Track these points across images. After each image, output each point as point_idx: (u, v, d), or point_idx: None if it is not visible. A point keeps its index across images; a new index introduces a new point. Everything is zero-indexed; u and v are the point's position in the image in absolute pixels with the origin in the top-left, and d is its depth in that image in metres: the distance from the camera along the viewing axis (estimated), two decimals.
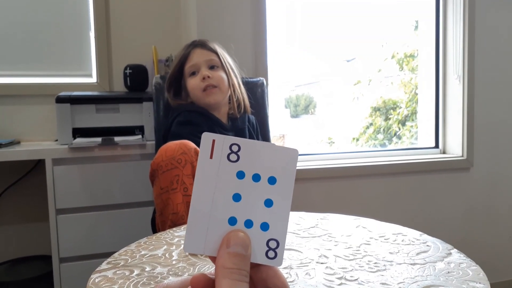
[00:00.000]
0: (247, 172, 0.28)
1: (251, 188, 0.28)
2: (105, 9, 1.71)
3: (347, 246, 0.73)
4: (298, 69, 3.51)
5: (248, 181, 0.28)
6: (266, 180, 0.28)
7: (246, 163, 0.28)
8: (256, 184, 0.28)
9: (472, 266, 0.63)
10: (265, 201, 0.27)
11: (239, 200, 0.27)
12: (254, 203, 0.27)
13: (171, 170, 1.01)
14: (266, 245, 0.27)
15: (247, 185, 0.28)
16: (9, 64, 1.66)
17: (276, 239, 0.27)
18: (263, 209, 0.27)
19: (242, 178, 0.28)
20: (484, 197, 1.98)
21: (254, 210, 0.27)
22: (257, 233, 0.27)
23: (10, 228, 1.68)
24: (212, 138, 0.28)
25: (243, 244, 0.26)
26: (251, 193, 0.28)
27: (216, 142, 0.28)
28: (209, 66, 1.30)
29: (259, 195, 0.28)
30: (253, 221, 0.27)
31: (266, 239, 0.27)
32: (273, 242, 0.27)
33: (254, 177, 0.28)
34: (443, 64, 2.00)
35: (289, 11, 2.51)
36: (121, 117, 1.50)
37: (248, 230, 0.27)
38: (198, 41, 1.34)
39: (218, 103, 1.30)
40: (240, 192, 0.28)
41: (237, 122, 1.34)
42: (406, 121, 3.54)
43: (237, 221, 0.27)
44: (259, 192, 0.28)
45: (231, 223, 0.27)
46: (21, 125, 1.65)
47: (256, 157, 0.28)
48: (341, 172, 1.77)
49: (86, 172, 1.40)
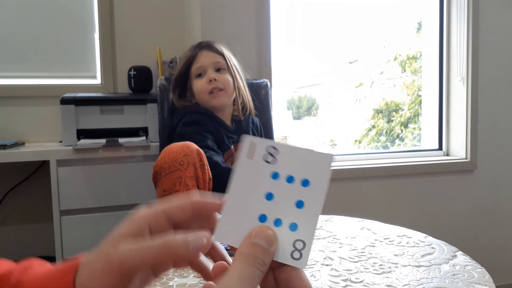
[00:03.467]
0: (281, 173, 0.29)
1: (284, 188, 0.28)
2: (110, 10, 1.72)
3: (352, 248, 0.73)
4: (300, 71, 3.51)
5: (282, 182, 0.29)
6: (299, 182, 0.28)
7: (282, 165, 0.29)
8: (289, 185, 0.28)
9: (477, 269, 0.63)
10: (297, 202, 0.28)
11: (271, 199, 0.28)
12: (286, 203, 0.28)
13: (173, 172, 1.02)
14: (293, 246, 0.27)
15: (281, 186, 0.29)
16: (14, 65, 1.67)
17: (303, 240, 0.27)
18: (294, 210, 0.28)
19: (276, 178, 0.29)
20: (488, 199, 1.98)
21: (285, 210, 0.28)
22: (285, 233, 0.28)
23: (14, 228, 1.68)
24: (252, 140, 0.29)
25: (267, 238, 0.26)
26: (283, 194, 0.28)
27: (257, 144, 0.29)
28: (215, 69, 1.30)
29: (291, 196, 0.28)
30: (282, 221, 0.28)
31: (293, 240, 0.27)
32: (300, 243, 0.27)
33: (288, 178, 0.29)
34: (446, 66, 2.00)
35: (290, 14, 2.52)
36: (126, 118, 1.50)
37: (276, 228, 0.28)
38: (205, 42, 1.34)
39: (223, 105, 1.30)
40: (273, 192, 0.29)
41: (241, 124, 1.35)
42: (409, 123, 3.54)
43: (267, 218, 0.28)
44: (291, 193, 0.28)
45: (261, 220, 0.28)
46: (25, 126, 1.66)
47: (292, 159, 0.29)
48: (345, 174, 1.77)
49: (90, 173, 1.41)
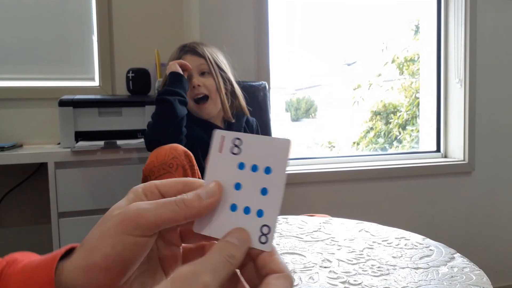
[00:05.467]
0: (246, 163, 0.30)
1: (250, 177, 0.30)
2: (108, 12, 1.72)
3: (350, 250, 0.73)
4: (298, 72, 3.52)
5: (247, 171, 0.30)
6: (262, 170, 0.30)
7: (247, 155, 0.31)
8: (254, 174, 0.30)
9: (475, 271, 0.63)
10: (261, 189, 0.30)
11: (239, 189, 0.30)
12: (252, 192, 0.30)
13: (163, 175, 1.03)
14: (260, 231, 0.29)
15: (247, 175, 0.30)
16: (11, 67, 1.67)
17: (268, 225, 0.29)
18: (259, 197, 0.30)
19: (242, 168, 0.30)
20: (485, 201, 1.98)
21: (252, 198, 0.30)
22: (253, 219, 0.29)
23: (12, 231, 1.68)
24: (221, 134, 0.31)
25: (240, 237, 0.28)
26: (249, 183, 0.30)
27: (225, 137, 0.31)
28: (200, 72, 1.31)
29: (256, 184, 0.30)
30: (250, 208, 0.30)
31: (260, 225, 0.29)
32: (266, 228, 0.29)
33: (253, 167, 0.30)
34: (444, 68, 2.00)
35: (289, 16, 2.52)
36: (124, 120, 1.50)
37: (245, 216, 0.30)
38: (188, 46, 1.34)
39: (210, 114, 1.32)
40: (240, 182, 0.30)
41: (232, 124, 1.35)
42: (407, 125, 3.55)
43: (237, 207, 0.30)
44: (256, 181, 0.30)
45: (232, 209, 0.30)
46: (23, 129, 1.66)
47: (254, 149, 0.30)
48: (342, 176, 1.77)
49: (88, 175, 1.40)
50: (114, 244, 0.28)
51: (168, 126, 1.16)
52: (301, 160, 1.89)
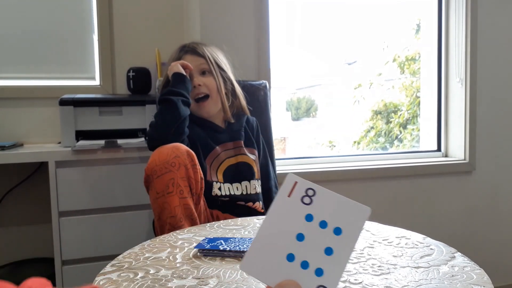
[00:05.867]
0: (315, 216, 0.29)
1: (316, 232, 0.29)
2: (109, 11, 1.72)
3: None
4: (299, 72, 3.51)
5: (314, 225, 0.29)
6: (332, 228, 0.29)
7: (317, 208, 0.29)
8: (321, 230, 0.29)
9: (476, 270, 0.63)
10: (326, 248, 0.28)
11: (302, 240, 0.29)
12: (315, 247, 0.29)
13: (165, 174, 1.02)
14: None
15: (313, 229, 0.29)
16: (12, 66, 1.67)
17: (327, 287, 0.28)
18: (322, 256, 0.28)
19: (310, 220, 0.29)
20: (486, 200, 1.98)
21: (314, 253, 0.28)
22: (310, 276, 0.28)
23: (12, 230, 1.68)
24: (295, 180, 0.30)
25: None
26: (314, 237, 0.29)
27: (297, 184, 0.30)
28: (200, 72, 1.31)
29: (322, 241, 0.29)
30: (309, 264, 0.28)
31: (317, 284, 0.28)
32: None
33: (322, 223, 0.29)
34: (445, 67, 2.00)
35: (289, 15, 2.52)
36: (124, 119, 1.50)
37: (302, 270, 0.28)
38: (188, 46, 1.35)
39: (210, 113, 1.32)
40: (304, 233, 0.29)
41: (233, 124, 1.35)
42: (407, 124, 3.54)
43: (295, 258, 0.28)
44: (322, 238, 0.29)
45: (289, 259, 0.28)
46: (24, 128, 1.66)
47: (328, 205, 0.29)
48: (343, 175, 1.77)
49: (89, 175, 1.40)
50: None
51: (170, 126, 1.16)
52: (302, 159, 1.89)
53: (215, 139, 1.30)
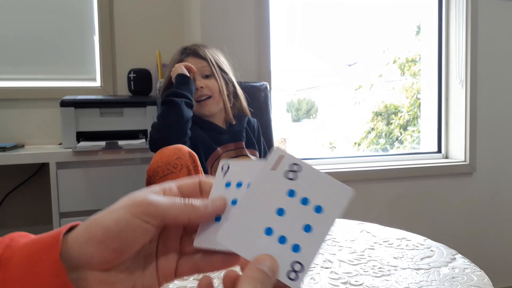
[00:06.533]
0: (298, 192, 0.29)
1: (297, 208, 0.29)
2: (109, 13, 1.72)
3: (351, 251, 0.73)
4: (300, 73, 3.52)
5: (296, 201, 0.29)
6: (313, 206, 0.29)
7: (300, 185, 0.29)
8: (302, 206, 0.29)
9: (476, 272, 0.63)
10: (305, 225, 0.28)
11: (281, 215, 0.29)
12: (295, 223, 0.28)
13: (168, 175, 1.03)
14: (290, 266, 0.28)
15: (294, 205, 0.29)
16: (13, 68, 1.67)
17: (302, 263, 0.28)
18: (301, 232, 0.28)
19: (292, 196, 0.29)
20: (487, 202, 1.98)
21: (292, 229, 0.28)
22: (287, 252, 0.28)
23: (13, 231, 1.68)
24: (281, 153, 0.30)
25: (270, 267, 0.27)
26: (295, 213, 0.29)
27: (283, 158, 0.30)
28: (202, 75, 1.31)
29: (302, 218, 0.28)
30: (287, 239, 0.28)
31: (292, 260, 0.28)
32: (298, 265, 0.28)
33: (303, 200, 0.29)
34: (445, 69, 2.00)
35: (290, 16, 2.52)
36: (125, 121, 1.50)
37: (279, 245, 0.28)
38: (190, 48, 1.34)
39: (212, 112, 1.32)
40: (285, 208, 0.29)
41: (234, 125, 1.36)
42: (408, 125, 3.54)
43: (273, 232, 0.28)
44: (302, 215, 0.28)
45: (267, 232, 0.28)
46: (25, 129, 1.66)
47: (312, 182, 0.29)
48: (343, 177, 1.77)
49: (90, 176, 1.41)
50: (118, 220, 0.28)
51: (173, 128, 1.16)
52: (302, 160, 1.89)
53: (216, 140, 1.30)
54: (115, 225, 0.28)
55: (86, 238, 0.28)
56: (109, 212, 0.29)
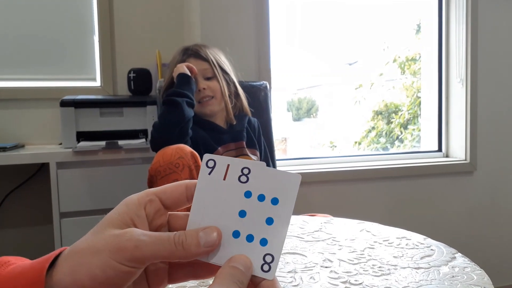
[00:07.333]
0: (254, 192, 0.31)
1: (256, 206, 0.30)
2: (109, 13, 1.72)
3: (351, 250, 0.73)
4: (300, 73, 3.52)
5: (254, 200, 0.31)
6: (269, 200, 0.30)
7: (254, 184, 0.31)
8: (260, 203, 0.30)
9: (476, 270, 0.63)
10: (267, 219, 0.30)
11: (244, 216, 0.30)
12: (257, 220, 0.30)
13: (169, 174, 1.03)
14: (263, 259, 0.29)
15: (253, 204, 0.31)
16: (13, 68, 1.67)
17: (272, 254, 0.29)
18: (264, 226, 0.30)
19: (249, 197, 0.31)
20: (487, 200, 1.98)
21: (256, 226, 0.30)
22: (256, 247, 0.30)
23: (14, 231, 1.68)
24: (227, 162, 0.31)
25: (244, 264, 0.29)
26: (255, 211, 0.30)
27: (229, 166, 0.31)
28: (204, 77, 1.31)
29: (262, 213, 0.30)
30: (254, 236, 0.30)
31: (263, 254, 0.29)
32: (269, 256, 0.29)
33: (260, 197, 0.31)
34: (445, 67, 2.00)
35: (290, 15, 2.52)
36: (125, 120, 1.50)
37: (248, 243, 0.30)
38: (191, 49, 1.34)
39: (213, 112, 1.33)
40: (246, 209, 0.31)
41: (235, 125, 1.36)
42: (408, 124, 3.54)
43: (240, 234, 0.30)
44: (262, 210, 0.30)
45: (234, 235, 0.30)
46: (25, 129, 1.66)
47: (263, 179, 0.31)
48: (344, 176, 1.77)
49: (90, 176, 1.41)
50: (105, 268, 0.28)
51: (175, 127, 1.16)
52: (303, 160, 1.89)
53: (217, 140, 1.30)
54: (102, 273, 0.28)
55: (71, 282, 0.28)
56: (93, 253, 0.28)
